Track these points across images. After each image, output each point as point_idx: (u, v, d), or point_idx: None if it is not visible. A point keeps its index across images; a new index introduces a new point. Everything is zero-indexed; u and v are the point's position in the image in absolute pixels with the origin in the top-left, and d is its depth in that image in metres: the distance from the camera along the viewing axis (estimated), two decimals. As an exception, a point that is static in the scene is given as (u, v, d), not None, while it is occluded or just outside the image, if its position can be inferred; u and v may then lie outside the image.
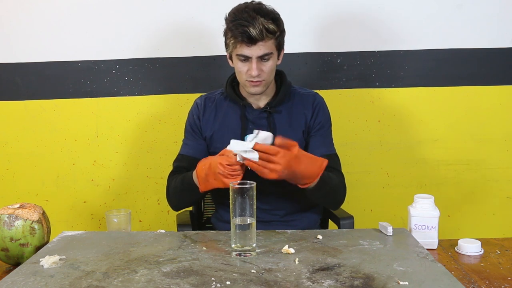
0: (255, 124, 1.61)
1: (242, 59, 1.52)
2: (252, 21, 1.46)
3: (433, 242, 1.29)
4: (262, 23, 1.46)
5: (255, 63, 1.51)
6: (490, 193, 2.29)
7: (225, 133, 1.63)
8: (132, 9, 2.17)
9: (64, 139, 2.24)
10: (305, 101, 1.66)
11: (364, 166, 2.27)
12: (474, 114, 2.25)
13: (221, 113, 1.66)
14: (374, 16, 2.19)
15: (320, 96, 1.70)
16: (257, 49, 1.49)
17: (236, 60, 1.55)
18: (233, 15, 1.51)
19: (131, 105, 2.22)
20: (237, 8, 1.52)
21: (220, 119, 1.65)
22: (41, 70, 2.20)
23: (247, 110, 1.63)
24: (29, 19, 2.16)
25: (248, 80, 1.55)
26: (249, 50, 1.49)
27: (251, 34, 1.46)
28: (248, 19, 1.46)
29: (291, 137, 1.59)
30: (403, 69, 2.22)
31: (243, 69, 1.54)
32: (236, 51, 1.52)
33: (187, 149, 1.68)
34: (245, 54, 1.50)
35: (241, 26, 1.46)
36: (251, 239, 1.16)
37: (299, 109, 1.65)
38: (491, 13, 2.19)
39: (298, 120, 1.64)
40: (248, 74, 1.53)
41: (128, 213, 1.42)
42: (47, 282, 1.01)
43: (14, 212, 1.22)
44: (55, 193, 2.26)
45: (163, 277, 1.03)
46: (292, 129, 1.62)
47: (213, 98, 1.70)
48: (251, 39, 1.47)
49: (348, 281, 1.00)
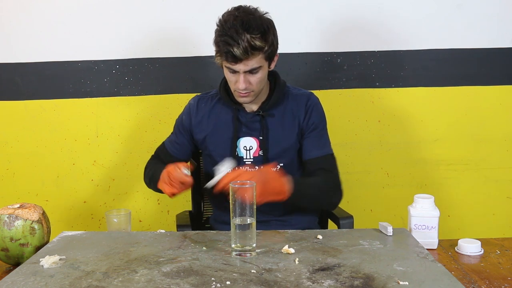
0: (248, 127, 1.62)
1: (231, 71, 1.51)
2: (238, 38, 1.42)
3: (433, 242, 1.29)
4: (248, 40, 1.43)
5: (242, 76, 1.49)
6: (490, 193, 2.29)
7: (218, 136, 1.63)
8: (132, 9, 2.17)
9: (64, 139, 2.24)
10: (298, 102, 1.64)
11: (364, 166, 2.26)
12: (474, 114, 2.25)
13: (214, 115, 1.66)
14: (374, 16, 2.19)
15: (314, 96, 1.67)
16: (243, 66, 1.47)
17: (225, 69, 1.53)
18: (221, 28, 1.47)
19: (131, 105, 2.22)
20: (226, 19, 1.47)
21: (213, 122, 1.65)
22: (41, 70, 2.20)
23: (240, 113, 1.63)
24: (29, 19, 2.16)
25: (236, 91, 1.54)
26: (235, 65, 1.47)
27: (234, 54, 1.43)
28: (234, 36, 1.42)
29: (284, 140, 1.62)
30: (403, 69, 2.22)
31: (232, 79, 1.53)
32: (224, 63, 1.50)
33: (172, 146, 1.72)
34: (232, 68, 1.49)
35: (225, 45, 1.44)
36: (251, 239, 1.16)
37: (292, 111, 1.63)
38: (491, 13, 2.19)
39: (291, 122, 1.62)
40: (236, 86, 1.52)
41: (128, 213, 1.42)
42: (47, 282, 1.01)
43: (14, 212, 1.22)
44: (55, 193, 2.26)
45: (163, 277, 1.03)
46: (285, 132, 1.62)
47: (207, 98, 1.69)
48: (235, 58, 1.44)
49: (348, 281, 1.00)
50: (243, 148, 1.61)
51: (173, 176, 1.45)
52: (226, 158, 1.52)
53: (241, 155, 1.61)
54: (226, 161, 1.46)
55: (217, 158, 1.59)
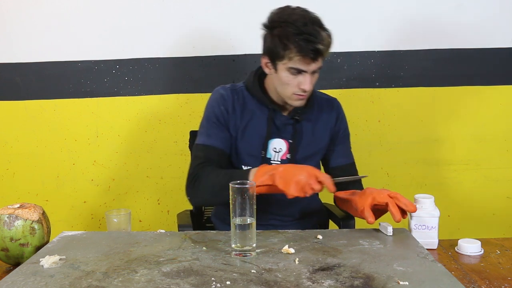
0: (280, 131, 1.57)
1: (295, 72, 1.44)
2: (319, 36, 1.39)
3: (433, 242, 1.29)
4: (327, 37, 1.41)
5: (310, 77, 1.44)
6: (490, 193, 2.29)
7: (250, 134, 1.56)
8: (132, 9, 2.17)
9: (64, 139, 2.25)
10: (328, 107, 1.63)
11: (364, 166, 2.26)
12: (474, 114, 2.25)
13: (248, 112, 1.57)
14: (374, 16, 2.19)
15: (338, 102, 1.67)
16: (315, 65, 1.43)
17: (285, 72, 1.45)
18: (294, 26, 1.39)
19: (131, 105, 2.23)
20: (295, 18, 1.40)
21: (247, 118, 1.57)
22: (41, 70, 2.20)
23: (275, 114, 1.56)
24: (29, 19, 2.17)
25: (295, 94, 1.47)
26: (308, 65, 1.42)
27: (320, 51, 1.39)
28: (315, 34, 1.38)
29: (313, 145, 1.60)
30: (403, 69, 2.22)
31: (292, 82, 1.45)
32: (291, 63, 1.42)
33: (213, 140, 1.53)
34: (302, 68, 1.42)
35: (309, 42, 1.37)
36: (251, 239, 1.15)
37: (323, 116, 1.62)
38: (491, 13, 2.19)
39: (322, 127, 1.61)
40: (297, 88, 1.45)
41: (128, 213, 1.42)
42: (47, 282, 1.01)
43: (14, 212, 1.22)
44: (55, 193, 2.26)
45: (163, 277, 1.03)
46: (315, 136, 1.60)
47: (239, 91, 1.59)
48: (317, 55, 1.40)
49: (348, 281, 1.00)
50: (272, 150, 1.57)
51: (322, 177, 1.30)
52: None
53: (269, 157, 1.57)
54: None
55: (244, 156, 1.56)
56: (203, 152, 1.52)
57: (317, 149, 1.62)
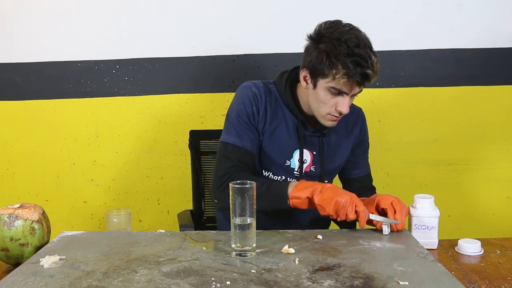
0: (307, 142, 1.51)
1: (335, 93, 1.37)
2: (370, 61, 1.32)
3: (433, 242, 1.29)
4: (376, 64, 1.34)
5: (349, 100, 1.39)
6: (490, 193, 2.29)
7: (276, 143, 1.50)
8: (132, 9, 2.17)
9: (64, 139, 2.25)
10: (353, 119, 1.59)
11: (364, 166, 2.26)
12: (474, 114, 2.25)
13: (278, 118, 1.50)
14: (374, 16, 2.19)
15: (363, 113, 1.63)
16: (358, 89, 1.37)
17: (325, 90, 1.38)
18: (346, 46, 1.32)
19: (131, 105, 2.22)
20: (347, 38, 1.33)
21: (276, 124, 1.50)
22: (41, 70, 2.20)
23: (303, 125, 1.51)
24: (29, 19, 2.16)
25: (330, 114, 1.41)
26: (351, 89, 1.36)
27: (368, 76, 1.33)
28: (366, 58, 1.32)
29: (337, 158, 1.57)
30: (403, 69, 2.22)
31: (330, 102, 1.39)
32: (334, 83, 1.36)
33: (245, 142, 1.47)
34: (344, 90, 1.36)
35: (359, 66, 1.31)
36: (251, 239, 1.16)
37: (347, 127, 1.58)
38: (491, 13, 2.19)
39: (346, 139, 1.58)
40: (334, 109, 1.40)
41: (128, 213, 1.42)
42: (47, 282, 1.01)
43: (14, 212, 1.22)
44: (55, 193, 2.26)
45: (163, 277, 1.03)
46: (340, 149, 1.57)
47: (272, 93, 1.51)
48: (365, 80, 1.34)
49: (348, 281, 1.00)
50: (297, 160, 1.52)
51: (360, 208, 1.27)
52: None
53: (293, 167, 1.52)
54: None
55: (267, 162, 1.52)
56: (235, 154, 1.46)
57: (341, 162, 1.60)
